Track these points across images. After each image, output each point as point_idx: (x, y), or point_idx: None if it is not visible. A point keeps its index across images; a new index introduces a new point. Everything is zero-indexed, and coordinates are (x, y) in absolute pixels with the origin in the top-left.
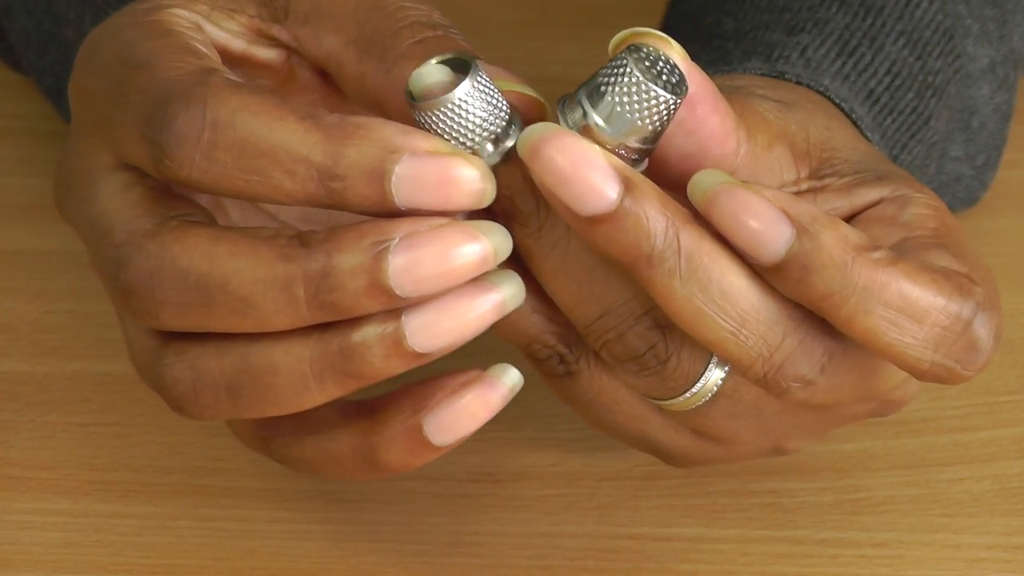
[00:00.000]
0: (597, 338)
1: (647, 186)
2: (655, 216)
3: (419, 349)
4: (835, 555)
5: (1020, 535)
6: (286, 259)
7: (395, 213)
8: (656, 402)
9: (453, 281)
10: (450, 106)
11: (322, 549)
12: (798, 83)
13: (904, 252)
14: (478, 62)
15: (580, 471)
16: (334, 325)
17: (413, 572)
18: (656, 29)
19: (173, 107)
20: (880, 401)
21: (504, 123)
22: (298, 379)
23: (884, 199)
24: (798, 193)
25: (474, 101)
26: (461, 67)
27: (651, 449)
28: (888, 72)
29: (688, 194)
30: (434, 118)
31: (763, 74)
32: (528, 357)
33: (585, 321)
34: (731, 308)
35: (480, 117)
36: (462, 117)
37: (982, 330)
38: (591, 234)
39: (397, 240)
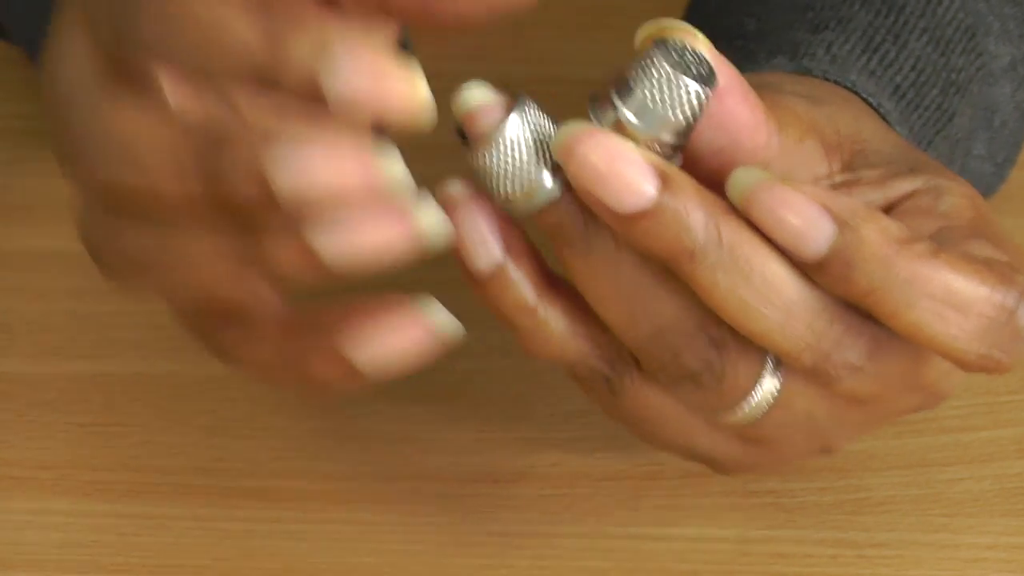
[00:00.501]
0: (652, 359)
1: (685, 180)
2: (695, 210)
3: (323, 252)
4: (835, 555)
5: (1020, 535)
6: (181, 130)
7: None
8: (712, 415)
9: (335, 180)
10: (501, 144)
11: (322, 549)
12: (825, 79)
13: (943, 243)
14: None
15: (580, 471)
16: (252, 226)
17: (413, 572)
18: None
19: None
20: (927, 392)
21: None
22: (210, 264)
23: (919, 190)
24: (832, 187)
25: (523, 134)
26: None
27: (701, 458)
28: (913, 68)
29: (727, 193)
30: (488, 158)
31: (790, 71)
32: (573, 379)
33: (638, 343)
34: (776, 298)
35: (531, 149)
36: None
37: None
38: (632, 232)
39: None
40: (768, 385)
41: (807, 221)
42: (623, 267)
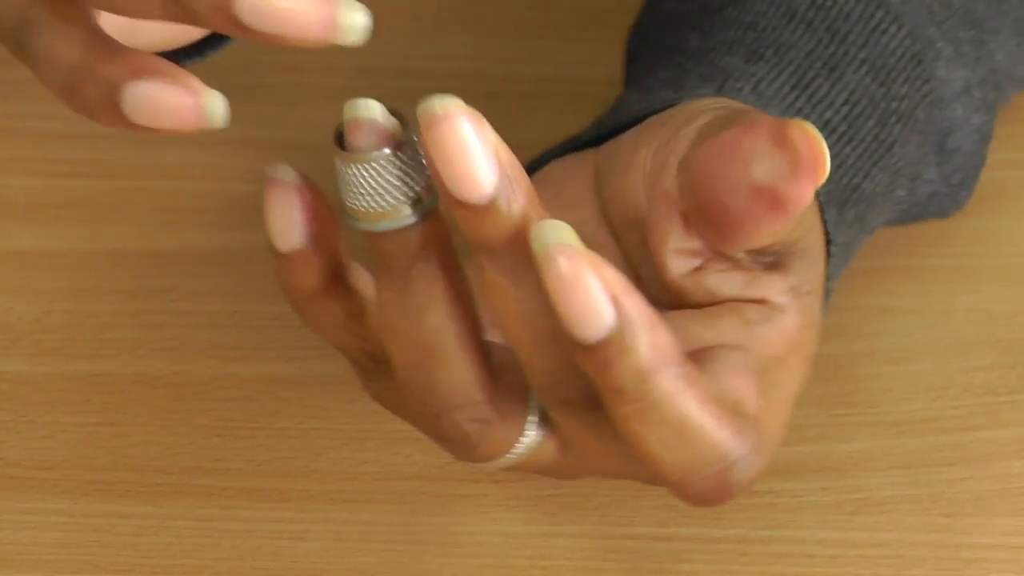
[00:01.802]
0: (416, 408)
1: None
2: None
3: (240, 17)
4: (835, 555)
5: (1020, 535)
6: None
7: None
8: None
9: (288, 28)
10: (380, 163)
11: (322, 549)
12: None
13: (720, 363)
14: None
15: None
16: None
17: (413, 572)
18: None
19: None
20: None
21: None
22: None
23: (760, 300)
24: (701, 264)
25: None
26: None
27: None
28: (846, 102)
29: (530, 238)
30: (358, 171)
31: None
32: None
33: (410, 386)
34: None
35: (405, 178)
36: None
37: (740, 475)
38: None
39: None
40: (528, 441)
41: (591, 308)
42: (422, 318)
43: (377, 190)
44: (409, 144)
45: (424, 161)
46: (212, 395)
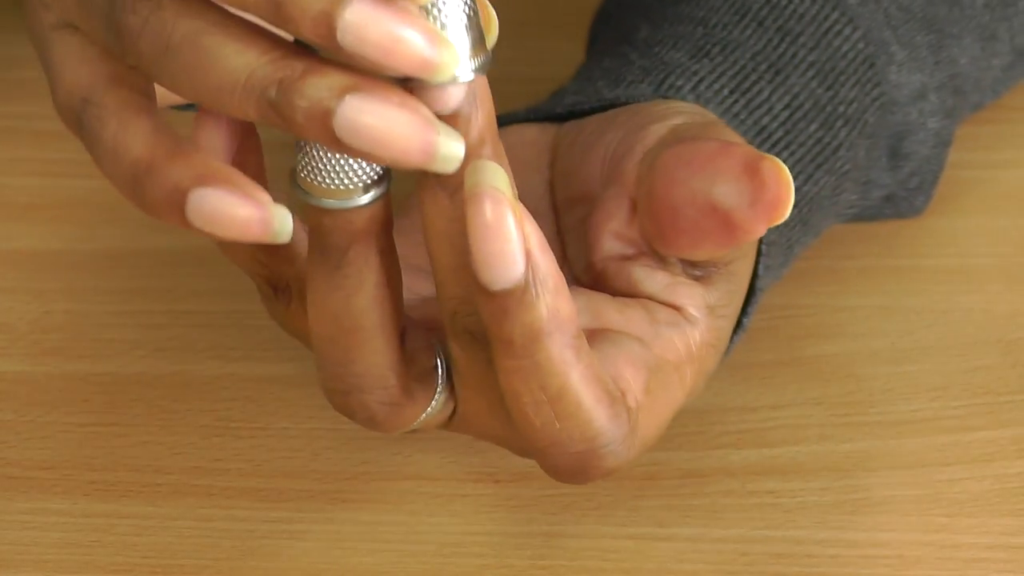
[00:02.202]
0: (326, 383)
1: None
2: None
3: (338, 133)
4: (835, 555)
5: (1020, 535)
6: None
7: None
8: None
9: (390, 58)
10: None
11: (322, 549)
12: None
13: (616, 347)
14: None
15: None
16: (294, 61)
17: (413, 572)
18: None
19: None
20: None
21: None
22: (232, 80)
23: (675, 306)
24: (632, 254)
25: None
26: None
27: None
28: (787, 106)
29: (465, 173)
30: (316, 153)
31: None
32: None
33: (322, 360)
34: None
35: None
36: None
37: (604, 461)
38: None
39: None
40: (434, 406)
41: (504, 255)
42: (350, 299)
43: (335, 169)
44: None
45: None
46: (212, 395)
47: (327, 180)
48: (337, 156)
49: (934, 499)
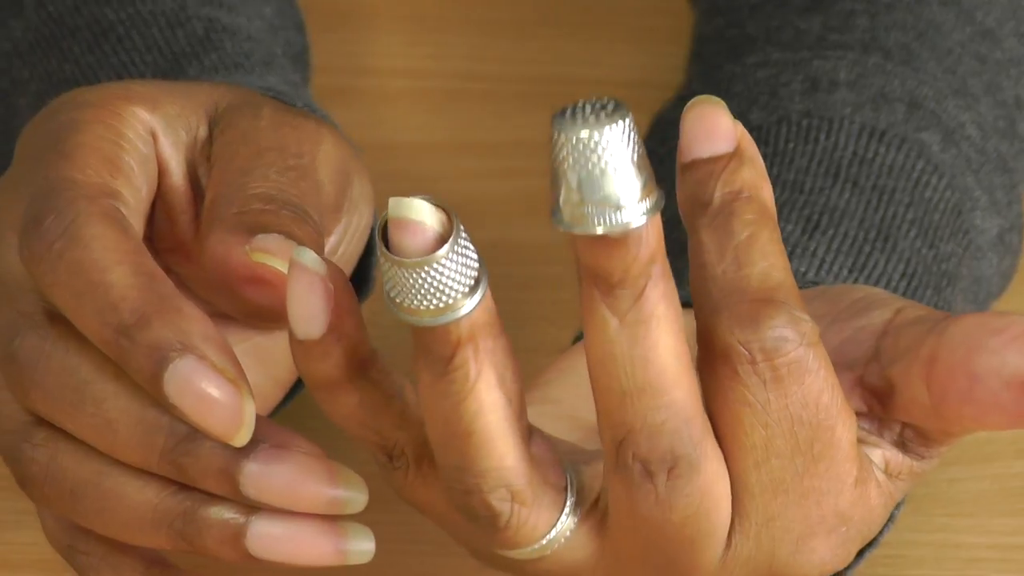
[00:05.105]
0: (448, 483)
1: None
2: None
3: (253, 552)
4: None
5: (1020, 535)
6: (161, 408)
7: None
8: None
9: (297, 507)
10: (435, 266)
11: None
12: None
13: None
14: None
15: None
16: (194, 490)
17: (413, 572)
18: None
19: (47, 207)
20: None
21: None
22: (138, 517)
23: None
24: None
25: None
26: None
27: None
28: (904, 275)
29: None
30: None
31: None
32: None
33: (443, 468)
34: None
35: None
36: (443, 275)
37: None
38: None
39: (265, 445)
40: (561, 528)
41: (726, 137)
42: (460, 404)
43: (430, 291)
44: (458, 236)
45: (471, 245)
46: None
47: (424, 303)
48: (424, 276)
49: (934, 499)
